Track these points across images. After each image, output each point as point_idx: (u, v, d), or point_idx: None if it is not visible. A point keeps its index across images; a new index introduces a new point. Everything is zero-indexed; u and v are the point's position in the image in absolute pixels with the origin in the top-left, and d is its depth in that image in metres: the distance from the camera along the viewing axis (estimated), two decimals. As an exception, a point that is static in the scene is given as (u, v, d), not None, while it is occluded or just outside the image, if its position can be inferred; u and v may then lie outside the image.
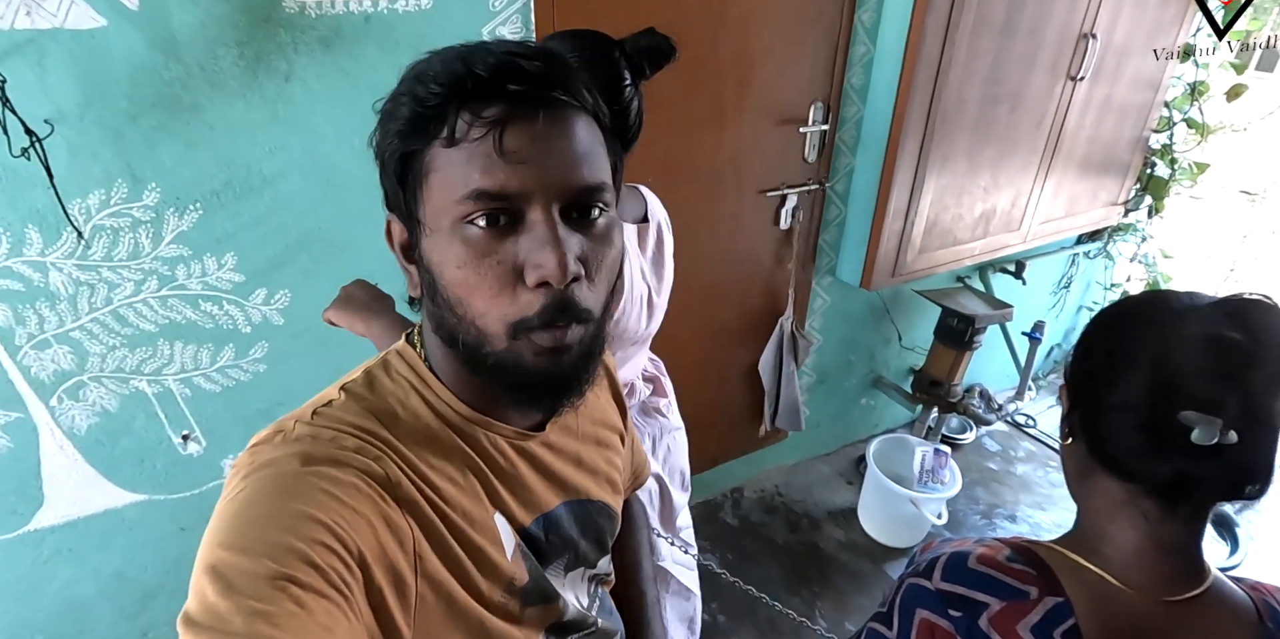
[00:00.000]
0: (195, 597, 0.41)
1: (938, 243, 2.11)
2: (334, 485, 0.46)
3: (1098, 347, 0.66)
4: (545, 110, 0.45)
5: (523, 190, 0.45)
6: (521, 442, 0.60)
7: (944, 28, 1.71)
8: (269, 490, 0.46)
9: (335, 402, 0.53)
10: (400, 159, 0.48)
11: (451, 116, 0.45)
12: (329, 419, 0.52)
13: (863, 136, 1.96)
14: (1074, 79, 2.05)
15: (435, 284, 0.49)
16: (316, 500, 0.45)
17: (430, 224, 0.47)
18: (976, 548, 0.66)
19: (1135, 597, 0.61)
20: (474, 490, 0.55)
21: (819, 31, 1.76)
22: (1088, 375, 0.66)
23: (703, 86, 1.66)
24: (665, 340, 2.00)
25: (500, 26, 1.33)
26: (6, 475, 1.27)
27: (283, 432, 0.51)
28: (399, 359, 0.57)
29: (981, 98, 1.90)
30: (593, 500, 0.67)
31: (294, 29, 1.16)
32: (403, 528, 0.49)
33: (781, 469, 2.57)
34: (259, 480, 0.46)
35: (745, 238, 1.96)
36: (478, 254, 0.46)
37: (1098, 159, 2.34)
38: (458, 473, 0.54)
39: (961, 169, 2.00)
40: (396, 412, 0.54)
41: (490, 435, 0.57)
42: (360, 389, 0.55)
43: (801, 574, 2.15)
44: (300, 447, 0.49)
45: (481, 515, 0.55)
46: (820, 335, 2.33)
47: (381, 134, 0.49)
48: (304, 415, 0.52)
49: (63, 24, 1.02)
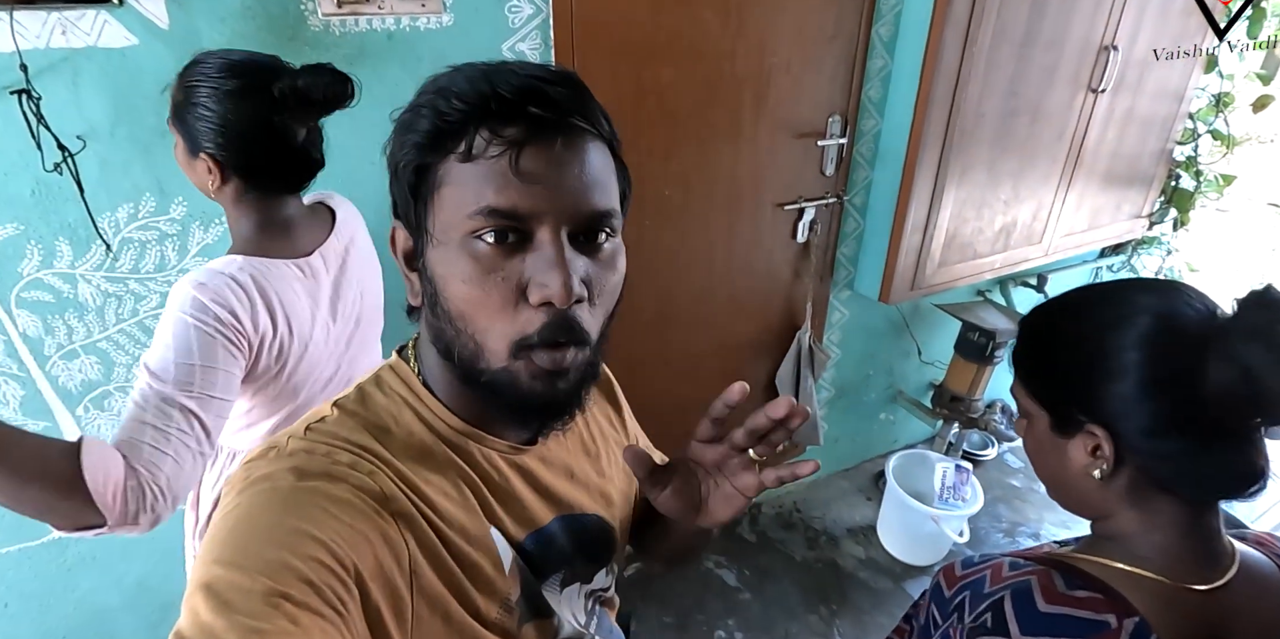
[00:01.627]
0: (188, 615, 0.40)
1: (957, 256, 2.09)
2: (329, 501, 0.46)
3: (1112, 356, 0.61)
4: (563, 135, 0.47)
5: (534, 211, 0.46)
6: (515, 456, 0.59)
7: (962, 41, 1.71)
8: (264, 506, 0.45)
9: (328, 417, 0.53)
10: (415, 170, 0.48)
11: (471, 133, 0.46)
12: (322, 434, 0.51)
13: (881, 150, 1.96)
14: (1095, 91, 2.03)
15: (437, 295, 0.49)
16: (312, 516, 0.45)
17: (438, 235, 0.48)
18: (1029, 579, 0.63)
19: (1191, 593, 0.60)
20: (469, 505, 0.55)
21: (837, 45, 1.76)
22: (1119, 396, 0.61)
23: (721, 100, 1.67)
24: (682, 353, 2.01)
25: (520, 43, 1.35)
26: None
27: (276, 448, 0.50)
28: (392, 374, 0.57)
29: (1001, 110, 1.89)
30: (586, 514, 0.66)
31: (319, 47, 1.19)
32: (399, 544, 0.49)
33: (800, 484, 2.54)
34: (254, 496, 0.46)
35: (763, 251, 1.96)
36: (484, 270, 0.47)
37: (1121, 171, 2.31)
38: (453, 487, 0.54)
39: (981, 182, 1.99)
40: (390, 426, 0.54)
41: (484, 450, 0.57)
42: (353, 405, 0.55)
43: (820, 592, 2.11)
44: (294, 461, 0.49)
45: (478, 530, 0.55)
46: (838, 349, 2.31)
47: (398, 144, 0.49)
48: (297, 431, 0.52)
49: (96, 42, 1.05)
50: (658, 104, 1.59)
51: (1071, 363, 0.65)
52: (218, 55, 0.90)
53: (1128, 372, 0.60)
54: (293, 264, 0.96)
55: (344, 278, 1.05)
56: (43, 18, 1.01)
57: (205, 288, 0.85)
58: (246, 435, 1.04)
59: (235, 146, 0.89)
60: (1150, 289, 0.63)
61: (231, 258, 0.91)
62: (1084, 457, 0.64)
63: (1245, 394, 0.55)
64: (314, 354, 1.00)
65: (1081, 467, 0.65)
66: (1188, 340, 0.58)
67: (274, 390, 0.98)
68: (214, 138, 0.89)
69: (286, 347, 0.94)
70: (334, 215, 1.07)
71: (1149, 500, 0.63)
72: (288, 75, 0.89)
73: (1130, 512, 0.64)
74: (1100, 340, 0.62)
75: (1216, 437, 0.59)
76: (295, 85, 0.87)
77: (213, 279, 0.86)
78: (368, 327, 1.13)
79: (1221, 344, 0.57)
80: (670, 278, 1.84)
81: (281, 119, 0.90)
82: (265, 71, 0.89)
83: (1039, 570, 0.64)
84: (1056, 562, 0.65)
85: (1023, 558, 0.67)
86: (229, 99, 0.87)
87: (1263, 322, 0.56)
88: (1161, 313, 0.60)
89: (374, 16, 1.21)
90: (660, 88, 1.57)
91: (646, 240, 1.75)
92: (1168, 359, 0.59)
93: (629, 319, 1.83)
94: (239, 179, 0.92)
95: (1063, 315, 0.68)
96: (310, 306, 0.98)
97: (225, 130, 0.88)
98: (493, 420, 0.57)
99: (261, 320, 0.89)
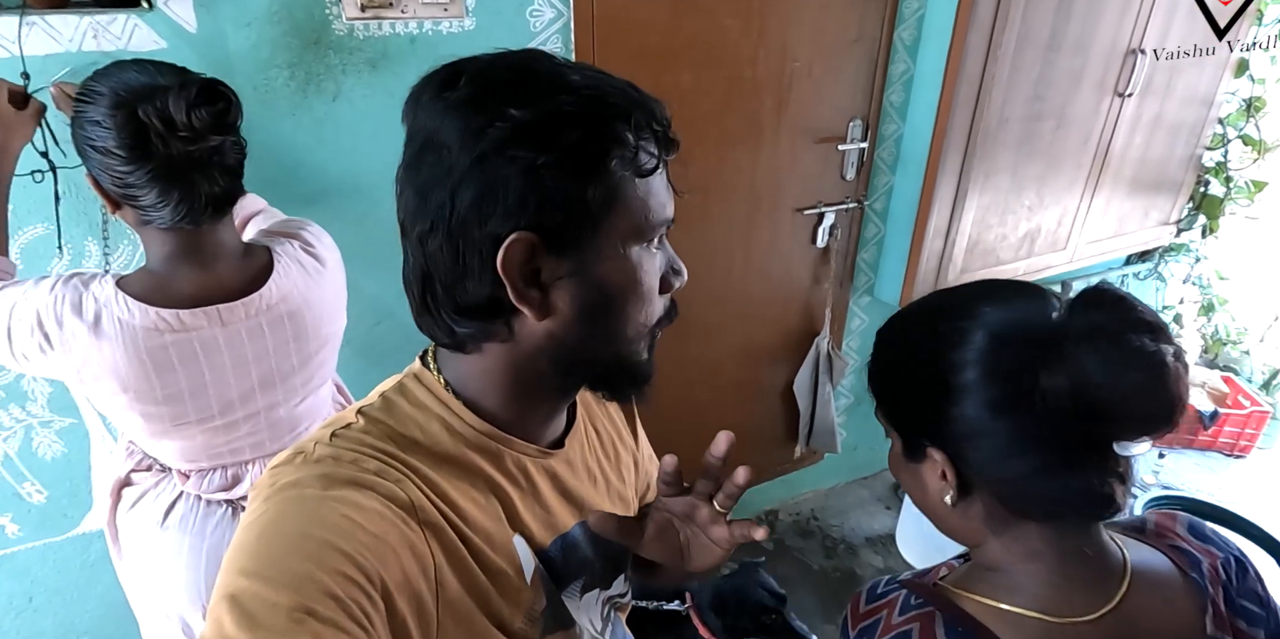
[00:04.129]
0: (213, 626, 0.40)
1: (980, 262, 2.06)
2: (356, 511, 0.46)
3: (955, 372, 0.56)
4: (674, 151, 0.53)
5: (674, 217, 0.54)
6: (545, 459, 0.60)
7: (986, 44, 1.69)
8: (291, 515, 0.45)
9: (354, 425, 0.53)
10: (590, 187, 0.48)
11: (635, 152, 0.49)
12: (349, 441, 0.51)
13: (902, 154, 1.94)
14: (1122, 95, 2.00)
15: (601, 306, 0.51)
16: (339, 527, 0.44)
17: (608, 249, 0.50)
18: (910, 629, 0.58)
19: (1077, 627, 0.56)
20: (495, 512, 0.55)
21: (859, 49, 1.75)
22: (963, 418, 0.56)
23: (741, 105, 1.66)
24: (699, 359, 2.00)
25: (540, 47, 1.36)
26: (60, 479, 1.32)
27: (303, 453, 0.50)
28: (417, 383, 0.57)
29: (1026, 115, 1.87)
30: None
31: (342, 51, 1.20)
32: (425, 555, 0.48)
33: (818, 492, 2.52)
34: (281, 504, 0.46)
35: (781, 256, 1.95)
36: (652, 271, 0.53)
37: (1148, 177, 2.27)
38: (480, 494, 0.54)
39: (1005, 187, 1.96)
40: (417, 436, 0.54)
41: (514, 455, 0.57)
42: (379, 413, 0.54)
43: (838, 601, 2.09)
44: (322, 468, 0.48)
45: (503, 538, 0.55)
46: (858, 356, 2.29)
47: (562, 167, 0.46)
48: (323, 437, 0.52)
49: (126, 46, 1.07)
50: (677, 109, 1.56)
51: (913, 384, 0.60)
52: (104, 72, 0.84)
53: (965, 392, 0.55)
54: (164, 314, 0.89)
55: (246, 340, 0.97)
56: (75, 22, 1.03)
57: (69, 284, 0.88)
58: (149, 443, 1.04)
59: (112, 174, 0.84)
60: (991, 296, 0.58)
61: (108, 281, 0.89)
62: (936, 482, 0.59)
63: (1083, 407, 0.51)
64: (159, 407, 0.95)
65: (937, 492, 0.60)
66: (1023, 353, 0.53)
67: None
68: (95, 163, 0.84)
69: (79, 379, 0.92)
70: (270, 268, 0.98)
71: (1010, 527, 0.58)
72: (159, 97, 0.80)
73: (996, 540, 0.59)
74: (936, 359, 0.57)
75: (1064, 457, 0.54)
76: (159, 108, 0.80)
77: (77, 287, 0.88)
78: (298, 382, 1.07)
79: (1053, 353, 0.52)
80: (688, 282, 1.83)
81: (159, 143, 0.82)
82: (138, 93, 0.81)
83: (923, 615, 0.59)
84: (944, 600, 0.60)
85: (916, 592, 0.63)
86: (102, 125, 0.81)
87: (1095, 324, 0.52)
88: (997, 325, 0.55)
89: (397, 21, 1.22)
90: (680, 92, 1.57)
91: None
92: (1002, 376, 0.54)
93: (647, 323, 1.83)
94: (128, 207, 0.87)
95: (904, 330, 0.63)
96: (150, 363, 0.91)
97: (102, 156, 0.83)
98: (528, 423, 0.58)
99: (57, 349, 0.88)
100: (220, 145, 0.87)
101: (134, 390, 0.92)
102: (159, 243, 0.91)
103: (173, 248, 0.91)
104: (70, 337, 0.87)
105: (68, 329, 0.87)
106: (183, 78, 0.84)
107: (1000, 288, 0.60)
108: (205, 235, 0.91)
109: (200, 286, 0.92)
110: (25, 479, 1.30)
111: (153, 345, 0.90)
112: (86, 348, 0.88)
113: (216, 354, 0.96)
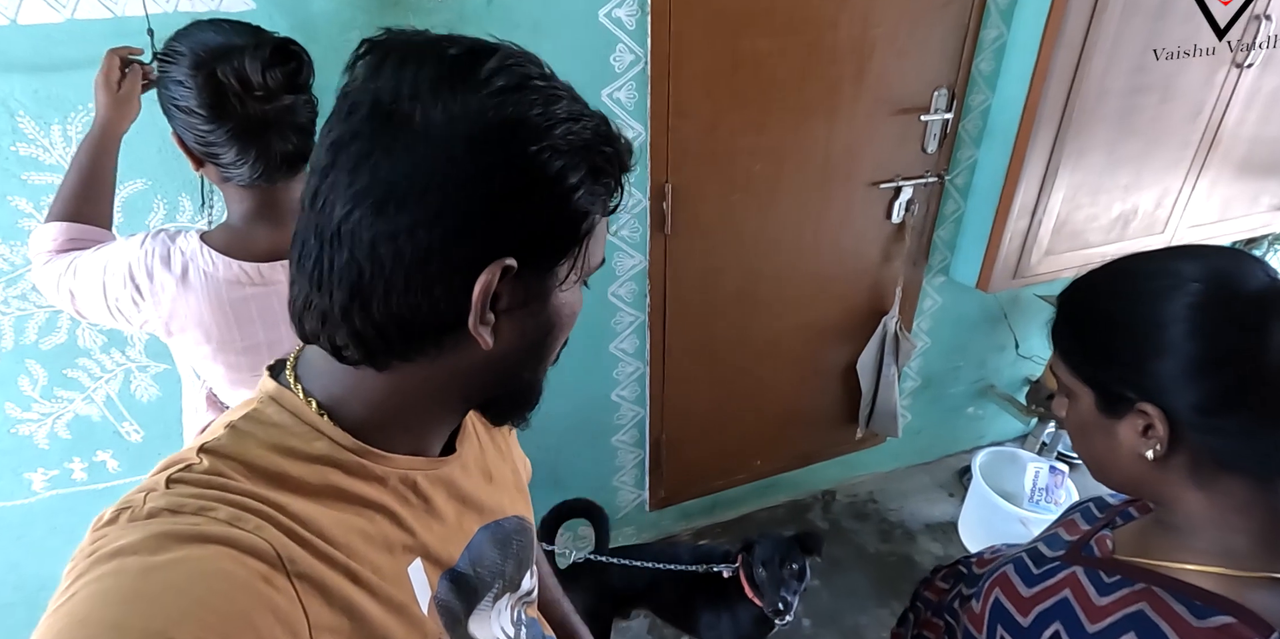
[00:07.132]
0: None
1: (1067, 245, 1.95)
2: (197, 578, 0.37)
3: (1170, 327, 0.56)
4: None
5: None
6: (436, 470, 0.55)
7: (1090, 9, 1.58)
8: (104, 598, 0.36)
9: (195, 465, 0.44)
10: (586, 219, 0.47)
11: (620, 190, 0.49)
12: (192, 485, 0.42)
13: (989, 127, 1.85)
14: (1240, 66, 1.84)
15: (546, 334, 0.51)
16: (167, 612, 0.36)
17: (566, 283, 0.49)
18: (1140, 609, 0.57)
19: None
20: (385, 540, 0.49)
21: (948, 14, 1.66)
22: (1169, 370, 0.56)
23: (819, 72, 1.61)
24: (761, 333, 1.97)
25: (616, 8, 1.34)
26: (155, 420, 1.41)
27: (130, 508, 0.41)
28: (275, 407, 0.49)
29: (1127, 87, 1.74)
30: (506, 518, 0.64)
31: (421, 12, 1.22)
32: (293, 617, 0.41)
33: (877, 475, 2.47)
34: (94, 582, 0.37)
35: (853, 231, 1.89)
36: (579, 305, 0.53)
37: (1262, 157, 2.10)
38: (365, 522, 0.48)
39: (1099, 165, 1.85)
40: (282, 469, 0.46)
41: (399, 472, 0.51)
42: (228, 447, 0.46)
43: (892, 586, 2.06)
44: (154, 527, 0.39)
45: (396, 569, 0.50)
46: (927, 337, 2.22)
47: (579, 197, 0.45)
48: (156, 485, 0.42)
49: (219, 7, 1.11)
50: (753, 75, 1.55)
51: (1118, 337, 0.59)
52: (184, 33, 0.86)
53: (1180, 345, 0.55)
54: (245, 267, 0.92)
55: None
56: (173, -17, 1.07)
57: (157, 239, 0.92)
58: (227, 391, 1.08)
59: (195, 132, 0.87)
60: (1201, 255, 0.58)
61: (193, 235, 0.93)
62: (1135, 437, 0.59)
63: None
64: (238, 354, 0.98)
65: (1132, 448, 0.59)
66: (1247, 308, 0.54)
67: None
68: (179, 121, 0.87)
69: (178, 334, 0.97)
70: None
71: (1215, 481, 0.57)
72: (235, 57, 0.82)
73: (1197, 494, 0.58)
74: (1148, 311, 0.57)
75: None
76: (236, 68, 0.82)
77: (165, 241, 0.92)
78: None
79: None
80: (755, 255, 1.81)
81: (236, 103, 0.84)
82: (216, 53, 0.83)
83: (1142, 592, 0.57)
84: (1147, 574, 0.59)
85: (1090, 564, 0.61)
86: (184, 84, 0.84)
87: None
88: (1214, 279, 0.55)
89: (475, -17, 1.23)
90: (757, 58, 1.53)
91: (733, 216, 1.72)
92: (1225, 329, 0.54)
93: (709, 296, 1.81)
94: (211, 165, 0.90)
95: (1108, 285, 0.62)
96: (232, 314, 0.94)
97: (185, 115, 0.85)
98: (420, 437, 0.53)
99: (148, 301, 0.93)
100: (293, 104, 0.88)
101: (217, 341, 0.97)
102: (238, 199, 0.94)
103: (251, 204, 0.94)
104: (160, 288, 0.92)
105: (158, 281, 0.91)
106: (257, 38, 0.86)
107: (1206, 249, 0.60)
108: (280, 193, 0.94)
109: (275, 243, 0.96)
110: (125, 419, 1.40)
111: (235, 297, 0.94)
112: (174, 299, 0.92)
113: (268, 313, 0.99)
